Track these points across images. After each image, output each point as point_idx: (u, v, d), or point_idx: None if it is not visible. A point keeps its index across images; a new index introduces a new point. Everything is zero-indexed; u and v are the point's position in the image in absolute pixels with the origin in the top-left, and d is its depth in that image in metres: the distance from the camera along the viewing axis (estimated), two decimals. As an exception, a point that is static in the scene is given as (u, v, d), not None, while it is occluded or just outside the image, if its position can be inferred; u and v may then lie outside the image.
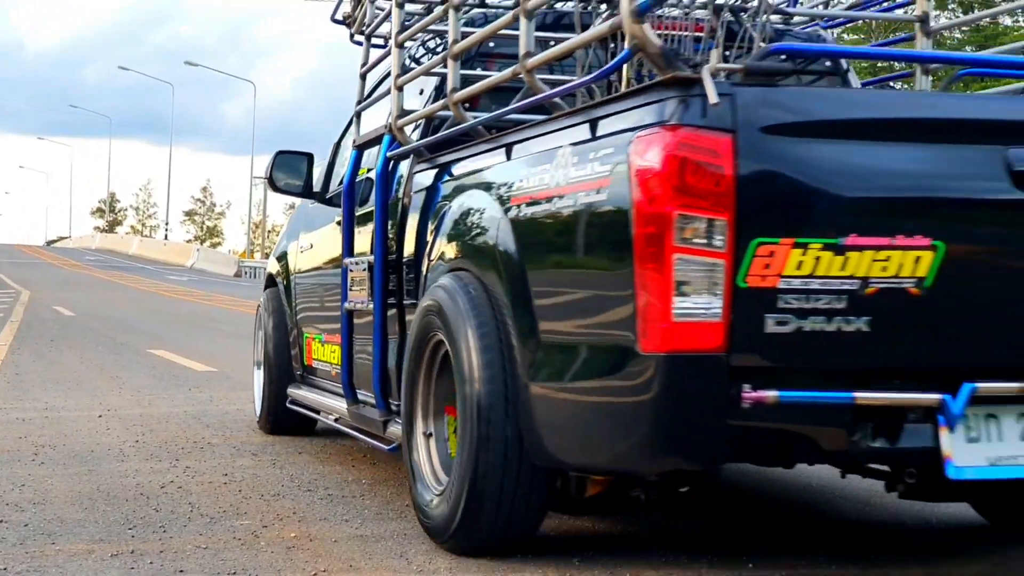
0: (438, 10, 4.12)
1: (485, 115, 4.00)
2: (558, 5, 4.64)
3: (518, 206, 3.49)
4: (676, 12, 4.06)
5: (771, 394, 2.85)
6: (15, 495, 4.62)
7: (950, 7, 36.80)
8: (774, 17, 4.70)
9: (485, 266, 3.64)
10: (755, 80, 2.94)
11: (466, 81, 4.03)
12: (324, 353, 5.52)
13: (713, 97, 2.75)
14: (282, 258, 6.54)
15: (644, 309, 2.85)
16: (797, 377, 2.91)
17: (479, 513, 3.53)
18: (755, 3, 4.26)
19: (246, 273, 41.99)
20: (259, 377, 6.58)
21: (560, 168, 3.27)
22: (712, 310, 2.82)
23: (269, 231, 68.24)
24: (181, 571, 3.51)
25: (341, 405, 5.10)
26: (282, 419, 6.28)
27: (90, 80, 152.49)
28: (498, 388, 3.46)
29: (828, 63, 4.78)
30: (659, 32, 3.79)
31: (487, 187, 3.77)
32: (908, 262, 2.90)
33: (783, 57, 4.05)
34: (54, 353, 11.63)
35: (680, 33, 3.93)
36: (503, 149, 3.73)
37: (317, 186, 5.88)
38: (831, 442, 3.00)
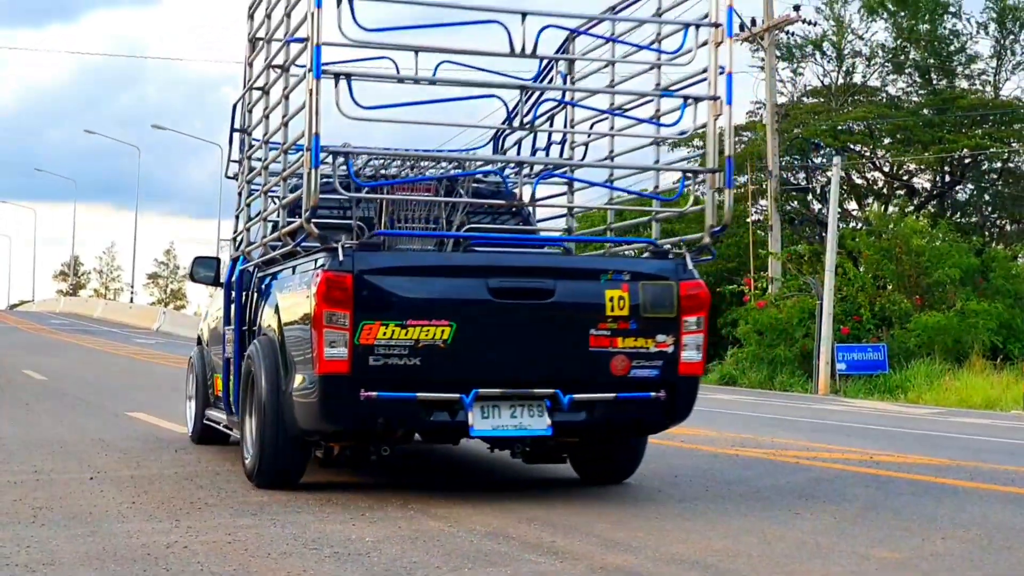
0: (257, 195, 7.54)
1: (284, 249, 6.88)
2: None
3: (284, 300, 6.67)
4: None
5: (374, 394, 5.95)
6: (23, 556, 4.63)
7: (907, 71, 37.49)
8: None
9: (272, 332, 6.79)
10: (366, 247, 6.08)
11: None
12: (222, 386, 8.16)
13: (341, 257, 5.94)
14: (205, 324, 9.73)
15: (315, 354, 5.93)
16: (388, 385, 5.97)
17: (263, 463, 6.61)
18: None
19: (213, 336, 41.68)
20: (190, 406, 9.53)
21: (297, 284, 6.48)
22: (343, 355, 5.89)
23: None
24: (204, 628, 3.53)
25: (224, 417, 8.08)
26: (204, 433, 9.04)
27: (55, 144, 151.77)
28: (273, 397, 6.51)
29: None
30: (405, 193, 7.14)
31: (281, 288, 6.86)
32: (437, 332, 6.01)
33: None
34: (32, 417, 11.56)
35: (423, 197, 7.21)
36: (291, 268, 6.79)
37: (222, 278, 8.59)
38: (411, 418, 6.11)
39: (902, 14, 35.56)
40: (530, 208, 7.89)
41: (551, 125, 7.99)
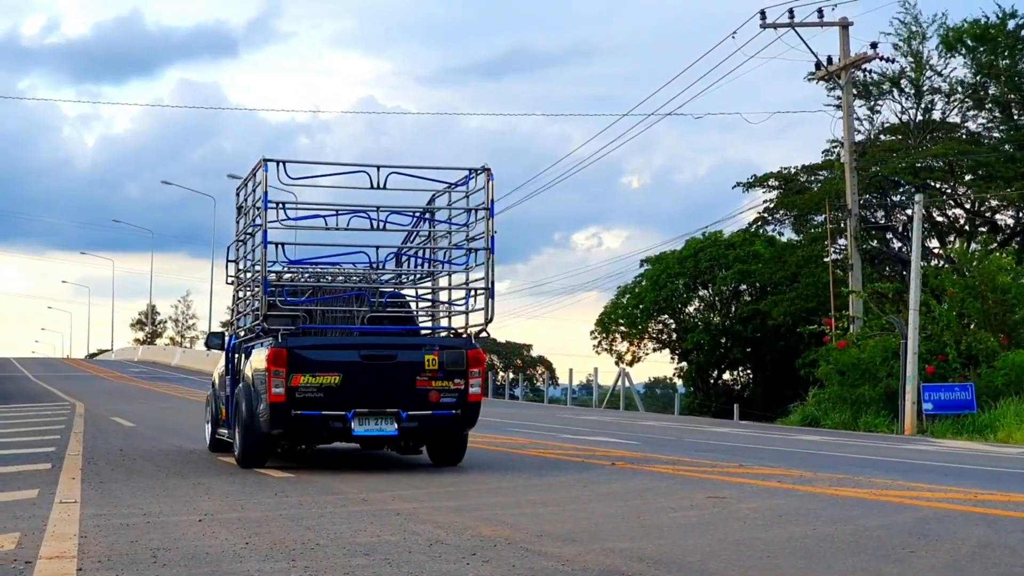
0: (241, 300, 13.06)
1: (254, 332, 11.83)
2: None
3: (254, 361, 11.35)
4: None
5: (299, 412, 10.74)
6: (152, 595, 4.69)
7: (987, 107, 37.03)
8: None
9: (248, 380, 11.53)
10: (295, 335, 11.10)
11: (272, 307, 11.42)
12: (224, 413, 12.76)
13: (279, 340, 10.84)
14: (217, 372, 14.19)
15: (268, 391, 10.74)
16: (306, 408, 10.73)
17: (245, 454, 11.38)
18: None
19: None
20: (207, 427, 13.90)
21: (261, 351, 11.14)
22: (282, 392, 10.68)
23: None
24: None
25: (226, 432, 12.52)
26: (216, 445, 13.25)
27: (132, 196, 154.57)
28: (249, 416, 11.25)
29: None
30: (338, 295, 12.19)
31: (257, 350, 11.38)
32: (332, 379, 10.77)
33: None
34: (128, 462, 11.75)
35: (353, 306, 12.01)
36: (260, 343, 11.37)
37: (225, 346, 13.33)
38: (321, 426, 10.84)
39: (981, 49, 35.19)
40: (413, 305, 12.94)
41: (414, 260, 13.00)
